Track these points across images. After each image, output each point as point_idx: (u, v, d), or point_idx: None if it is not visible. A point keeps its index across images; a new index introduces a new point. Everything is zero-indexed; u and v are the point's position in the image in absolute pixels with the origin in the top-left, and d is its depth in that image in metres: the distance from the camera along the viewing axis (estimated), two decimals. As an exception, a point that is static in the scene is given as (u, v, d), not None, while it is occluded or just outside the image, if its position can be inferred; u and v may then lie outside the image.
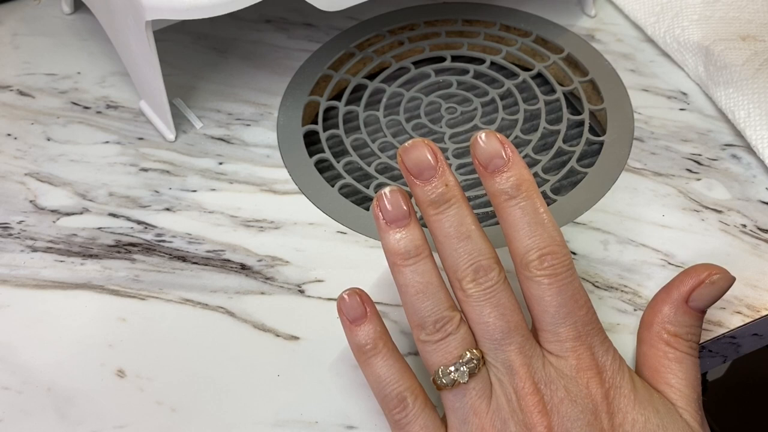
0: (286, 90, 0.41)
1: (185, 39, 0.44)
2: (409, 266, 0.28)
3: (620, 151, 0.38)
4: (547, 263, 0.27)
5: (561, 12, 0.45)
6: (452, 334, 0.27)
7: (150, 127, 0.40)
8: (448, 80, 0.42)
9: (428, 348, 0.27)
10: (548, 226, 0.27)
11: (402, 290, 0.28)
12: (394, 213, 0.28)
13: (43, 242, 0.35)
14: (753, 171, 0.36)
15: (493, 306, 0.27)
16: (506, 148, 0.27)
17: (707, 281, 0.29)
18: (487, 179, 0.27)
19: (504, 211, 0.27)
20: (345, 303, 0.29)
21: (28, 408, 0.30)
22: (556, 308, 0.27)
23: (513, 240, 0.27)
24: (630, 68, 0.41)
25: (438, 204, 0.27)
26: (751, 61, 0.38)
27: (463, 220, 0.27)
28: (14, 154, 0.39)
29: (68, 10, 0.46)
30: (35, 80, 0.42)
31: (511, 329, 0.27)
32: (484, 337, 0.27)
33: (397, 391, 0.28)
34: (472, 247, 0.27)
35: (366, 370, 0.28)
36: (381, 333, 0.28)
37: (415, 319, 0.28)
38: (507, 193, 0.27)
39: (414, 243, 0.28)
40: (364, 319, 0.28)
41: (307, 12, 0.45)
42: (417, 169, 0.27)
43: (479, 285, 0.27)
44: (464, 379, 0.27)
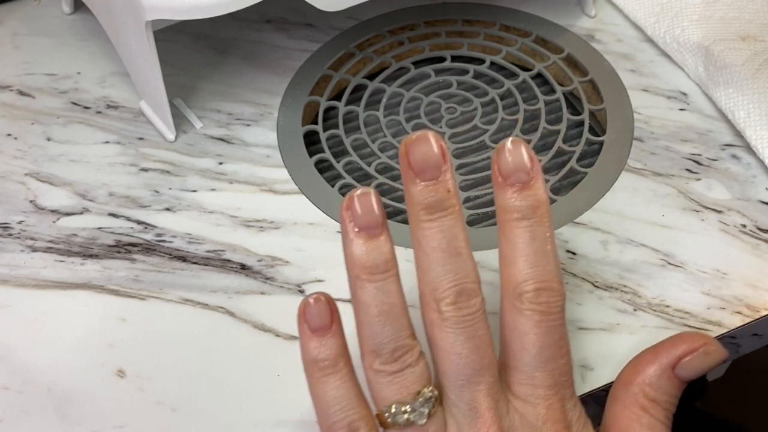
0: (286, 90, 0.41)
1: (185, 39, 0.44)
2: (375, 282, 0.24)
3: (620, 151, 0.38)
4: (542, 298, 0.24)
5: (561, 12, 0.45)
6: (411, 366, 0.24)
7: (150, 127, 0.40)
8: (448, 80, 0.42)
9: (381, 379, 0.24)
10: (552, 259, 0.25)
11: (361, 309, 0.25)
12: (366, 219, 0.24)
13: (43, 242, 0.35)
14: (753, 171, 0.36)
15: (469, 337, 0.24)
16: (534, 164, 0.25)
17: (702, 350, 0.27)
18: (503, 191, 0.25)
19: (511, 231, 0.25)
20: (309, 308, 0.25)
21: (28, 408, 0.30)
22: (538, 349, 0.24)
23: (511, 264, 0.25)
24: (630, 68, 0.41)
25: (434, 210, 0.24)
26: (750, 62, 0.38)
27: (456, 235, 0.24)
28: (14, 154, 0.39)
29: (68, 10, 0.46)
30: (35, 80, 0.42)
31: (484, 367, 0.24)
32: (452, 370, 0.24)
33: (350, 420, 0.24)
34: (459, 266, 0.24)
35: (316, 389, 0.25)
36: (343, 350, 0.25)
37: (371, 344, 0.24)
38: (521, 212, 0.25)
39: (384, 257, 0.24)
40: (328, 331, 0.25)
41: (307, 12, 0.45)
42: (421, 166, 0.24)
43: (459, 310, 0.24)
44: (422, 420, 0.24)
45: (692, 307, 0.32)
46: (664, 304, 0.32)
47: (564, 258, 0.33)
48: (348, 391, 0.25)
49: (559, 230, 0.34)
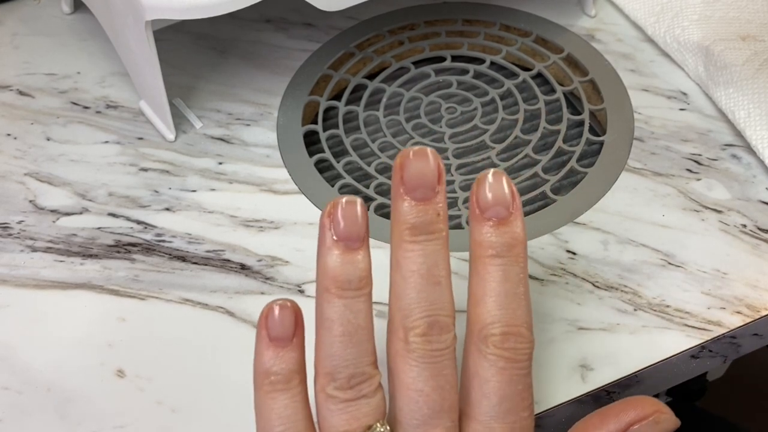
0: (285, 90, 0.41)
1: (185, 39, 0.44)
2: (344, 299, 0.23)
3: (620, 151, 0.38)
4: (509, 344, 0.22)
5: (561, 12, 0.45)
6: (367, 397, 0.23)
7: (150, 127, 0.40)
8: (448, 80, 0.42)
9: (332, 406, 0.23)
10: (524, 303, 0.23)
11: (324, 325, 0.23)
12: (348, 230, 0.23)
13: (43, 242, 0.35)
14: (753, 171, 0.36)
15: (434, 374, 0.22)
16: (515, 200, 0.23)
17: (652, 419, 0.24)
18: (479, 225, 0.23)
19: (483, 267, 0.23)
20: (272, 315, 0.23)
21: (27, 408, 0.30)
22: (499, 399, 0.22)
23: (479, 304, 0.23)
24: (630, 68, 0.41)
25: (419, 232, 0.23)
26: (751, 61, 0.38)
27: (438, 262, 0.23)
28: (14, 154, 0.39)
29: (68, 9, 0.46)
30: (35, 80, 0.42)
31: (444, 409, 0.22)
32: (409, 407, 0.22)
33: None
34: (436, 296, 0.23)
35: (262, 404, 0.23)
36: (300, 367, 0.23)
37: (328, 365, 0.23)
38: (495, 248, 0.23)
39: (359, 274, 0.23)
40: (288, 343, 0.23)
41: (307, 12, 0.45)
42: (414, 183, 0.23)
43: (429, 343, 0.22)
44: None
45: (692, 307, 0.32)
46: (665, 304, 0.32)
47: (564, 258, 0.33)
48: (296, 413, 0.23)
49: (560, 230, 0.34)
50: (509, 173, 0.38)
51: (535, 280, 0.33)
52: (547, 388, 0.29)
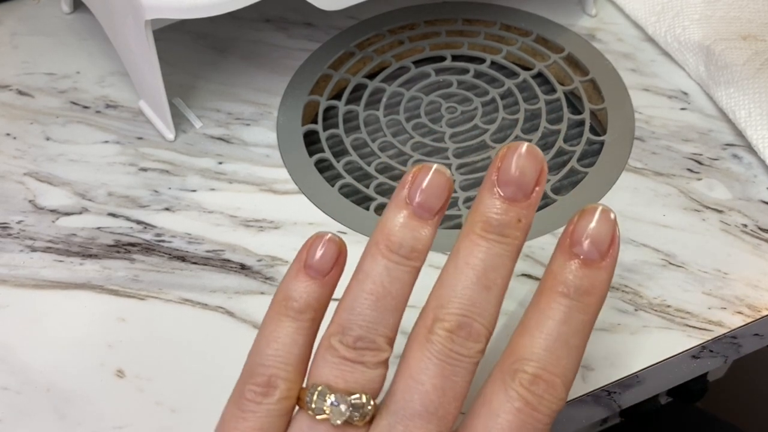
0: (285, 89, 0.41)
1: (185, 38, 0.44)
2: (389, 260, 0.21)
3: (621, 150, 0.37)
4: (536, 389, 0.20)
5: (561, 11, 0.44)
6: (365, 365, 0.21)
7: (149, 127, 0.39)
8: (449, 80, 0.42)
9: (329, 356, 0.21)
10: (573, 357, 0.21)
11: (358, 276, 0.22)
12: (424, 198, 0.21)
13: (43, 242, 0.35)
14: (754, 171, 0.36)
15: (443, 375, 0.21)
16: (612, 248, 0.21)
17: None
18: (563, 256, 0.21)
19: (546, 301, 0.21)
20: (316, 245, 0.22)
21: (27, 408, 0.30)
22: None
23: (525, 334, 0.21)
24: (631, 68, 0.41)
25: (492, 229, 0.21)
26: (752, 61, 0.38)
27: (499, 268, 0.21)
28: (13, 154, 0.38)
29: (67, 9, 0.46)
30: (34, 80, 0.42)
31: (437, 415, 0.21)
32: (403, 396, 0.21)
33: (275, 373, 0.22)
34: (481, 300, 0.21)
35: (268, 323, 0.22)
36: (320, 305, 0.22)
37: (344, 317, 0.22)
38: (569, 287, 0.21)
39: (414, 243, 0.22)
40: (320, 278, 0.22)
41: (307, 11, 0.45)
42: (509, 178, 0.21)
43: (451, 342, 0.21)
44: (336, 421, 0.21)
45: (693, 307, 0.31)
46: (665, 304, 0.32)
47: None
48: (294, 344, 0.22)
49: (560, 230, 0.34)
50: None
51: (536, 280, 0.33)
52: (548, 389, 0.29)
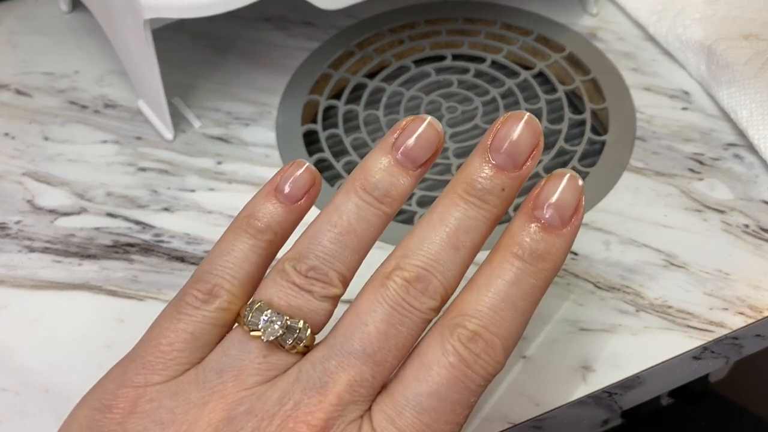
0: (285, 89, 0.41)
1: (184, 38, 0.44)
2: (361, 200, 0.21)
3: (622, 150, 0.37)
4: (474, 347, 0.20)
5: (562, 10, 0.44)
6: (311, 295, 0.21)
7: (148, 127, 0.39)
8: (449, 79, 0.42)
9: (278, 278, 0.21)
10: (517, 320, 0.20)
11: (327, 209, 0.22)
12: (410, 149, 0.21)
13: (41, 242, 0.35)
14: (755, 171, 0.36)
15: (389, 322, 0.20)
16: (576, 216, 0.21)
17: None
18: (523, 218, 0.21)
19: (498, 261, 0.21)
20: (290, 171, 0.23)
21: (26, 409, 0.29)
22: (428, 392, 0.19)
23: (471, 290, 0.20)
24: (632, 67, 0.41)
25: (474, 193, 0.21)
26: (753, 61, 0.38)
27: (471, 232, 0.21)
28: (12, 154, 0.38)
29: (66, 8, 0.45)
30: (33, 79, 0.42)
31: (374, 361, 0.20)
32: (344, 332, 0.20)
33: (219, 281, 0.21)
34: (446, 258, 0.20)
35: (226, 236, 0.22)
36: (283, 231, 0.22)
37: (304, 245, 0.21)
38: (524, 249, 0.20)
39: (389, 189, 0.21)
40: (288, 204, 0.22)
41: (307, 10, 0.45)
42: (501, 145, 0.21)
43: (406, 292, 0.20)
44: (267, 338, 0.20)
45: (695, 308, 0.31)
46: (667, 305, 0.31)
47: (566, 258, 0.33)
48: (246, 262, 0.22)
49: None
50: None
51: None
52: (548, 389, 0.29)
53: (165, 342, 0.21)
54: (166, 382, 0.21)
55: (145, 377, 0.21)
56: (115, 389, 0.21)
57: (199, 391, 0.20)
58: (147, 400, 0.20)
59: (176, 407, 0.20)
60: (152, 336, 0.22)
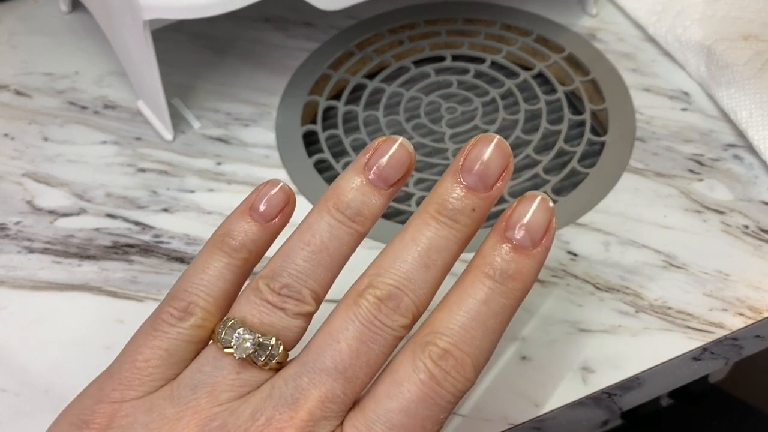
0: (285, 89, 0.41)
1: (183, 38, 0.44)
2: (333, 219, 0.22)
3: (622, 151, 0.37)
4: (444, 364, 0.20)
5: (562, 11, 0.44)
6: (285, 312, 0.21)
7: (148, 127, 0.39)
8: (449, 80, 0.42)
9: (252, 296, 0.21)
10: (488, 339, 0.21)
11: (300, 227, 0.22)
12: (383, 169, 0.22)
13: (41, 243, 0.35)
14: (755, 172, 0.36)
15: (361, 340, 0.20)
16: (546, 238, 0.21)
17: None
18: (495, 238, 0.21)
19: (470, 280, 0.21)
20: (265, 190, 0.23)
21: (25, 410, 0.29)
22: (399, 408, 0.20)
23: (443, 309, 0.21)
24: (631, 68, 0.41)
25: (445, 213, 0.21)
26: (753, 61, 0.38)
27: (442, 251, 0.21)
28: (11, 155, 0.38)
29: (66, 9, 0.45)
30: (32, 80, 0.42)
31: (345, 377, 0.20)
32: (315, 349, 0.21)
33: (195, 299, 0.22)
34: (418, 277, 0.21)
35: (202, 257, 0.23)
36: (257, 249, 0.23)
37: (277, 263, 0.22)
38: (495, 270, 0.21)
39: (362, 208, 0.22)
40: (263, 223, 0.23)
41: (307, 11, 0.45)
42: (472, 167, 0.21)
43: (378, 310, 0.21)
44: (239, 355, 0.21)
45: (694, 309, 0.31)
46: (666, 306, 0.31)
47: (565, 259, 0.33)
48: (221, 280, 0.22)
49: (561, 231, 0.34)
50: (510, 174, 0.37)
51: (537, 281, 0.32)
52: (548, 390, 0.29)
53: (141, 358, 0.22)
54: (142, 398, 0.21)
55: (122, 393, 0.21)
56: (92, 405, 0.22)
57: (174, 407, 0.21)
58: (123, 415, 0.21)
59: (151, 422, 0.21)
60: (129, 352, 0.22)
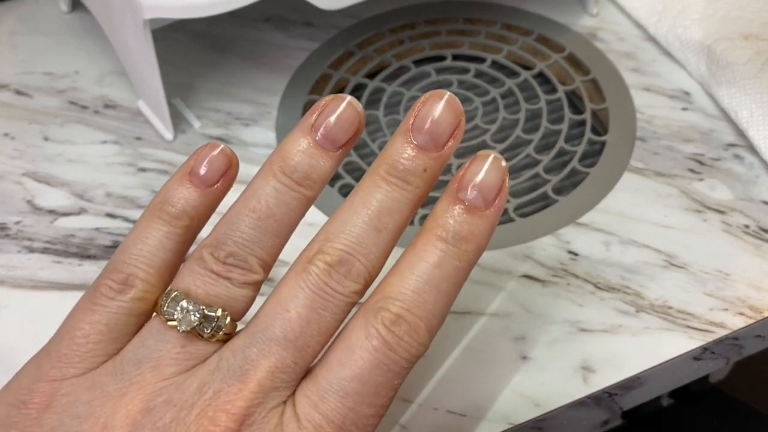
0: (285, 89, 0.41)
1: (183, 38, 0.44)
2: (280, 183, 0.21)
3: (622, 151, 0.37)
4: (397, 329, 0.20)
5: (562, 11, 0.44)
6: (230, 282, 0.20)
7: (148, 127, 0.39)
8: (449, 79, 0.42)
9: (196, 266, 0.21)
10: (441, 302, 0.20)
11: (245, 194, 0.21)
12: (330, 129, 0.21)
13: (41, 243, 0.35)
14: (756, 171, 0.36)
15: (312, 307, 0.20)
16: (499, 198, 0.21)
17: None
18: (447, 200, 0.21)
19: (423, 243, 0.20)
20: (204, 153, 0.22)
21: (25, 410, 0.29)
22: (351, 376, 0.19)
23: (395, 274, 0.20)
24: (632, 67, 0.41)
25: (396, 174, 0.21)
26: (753, 61, 0.38)
27: (394, 214, 0.21)
28: (12, 154, 0.38)
29: (66, 8, 0.45)
30: (33, 79, 0.42)
31: (296, 346, 0.20)
32: (264, 318, 0.20)
33: (134, 270, 0.21)
34: (369, 241, 0.20)
35: (139, 223, 0.22)
36: (198, 216, 0.22)
37: (222, 231, 0.21)
38: (448, 232, 0.20)
39: (310, 171, 0.21)
40: (204, 188, 0.22)
41: (307, 10, 0.45)
42: (422, 125, 0.21)
43: (328, 277, 0.20)
44: (182, 328, 0.20)
45: (695, 309, 0.31)
46: (667, 306, 0.31)
47: (566, 259, 0.33)
48: (161, 250, 0.21)
49: (561, 231, 0.34)
50: (510, 173, 0.37)
51: (537, 281, 0.32)
52: (549, 390, 0.29)
53: (80, 334, 0.21)
54: (83, 375, 0.20)
55: (61, 370, 0.20)
56: (30, 384, 0.20)
57: (117, 383, 0.20)
58: (63, 393, 0.20)
59: (93, 400, 0.20)
60: (67, 328, 0.21)
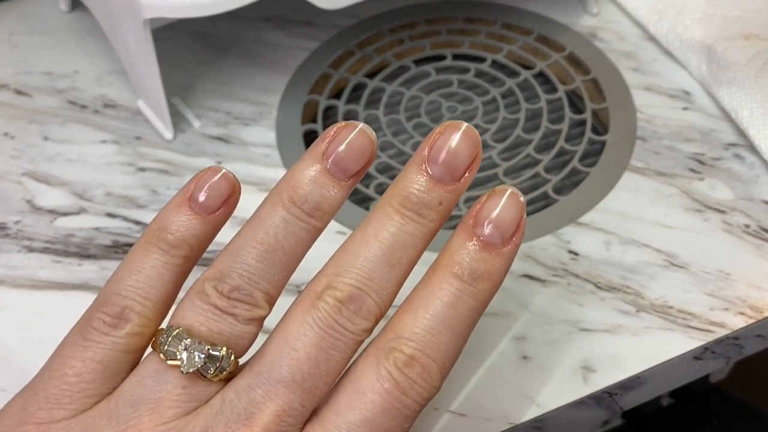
0: (285, 89, 0.41)
1: (183, 37, 0.44)
2: (289, 214, 0.20)
3: (623, 150, 0.37)
4: (410, 372, 0.19)
5: (563, 10, 0.44)
6: (235, 318, 0.19)
7: (148, 127, 0.39)
8: (449, 79, 0.42)
9: (197, 300, 0.19)
10: (454, 344, 0.19)
11: (252, 222, 0.20)
12: (342, 157, 0.20)
13: (40, 242, 0.35)
14: (756, 171, 0.36)
15: (321, 346, 0.19)
16: (517, 234, 0.20)
17: None
18: (462, 235, 0.20)
19: (437, 280, 0.20)
20: (205, 178, 0.21)
21: (24, 410, 0.29)
22: (362, 420, 0.19)
23: (408, 312, 0.20)
24: (632, 67, 0.41)
25: (410, 206, 0.20)
26: (754, 60, 0.38)
27: (407, 248, 0.20)
28: (11, 154, 0.38)
29: (66, 8, 0.45)
30: (32, 79, 0.42)
31: (304, 388, 0.19)
32: (271, 357, 0.19)
33: (130, 303, 0.20)
34: (381, 276, 0.19)
35: (135, 251, 0.20)
36: (198, 245, 0.21)
37: (226, 262, 0.20)
38: (463, 269, 0.19)
39: (320, 201, 0.20)
40: (204, 215, 0.21)
41: (307, 10, 0.45)
42: (439, 157, 0.20)
43: (338, 314, 0.19)
44: (187, 369, 0.19)
45: (695, 308, 0.31)
46: (667, 305, 0.31)
47: (566, 259, 0.33)
48: (158, 281, 0.20)
49: (561, 230, 0.34)
50: (510, 173, 0.37)
51: (537, 280, 0.32)
52: (549, 390, 0.29)
53: (71, 372, 0.19)
54: (74, 417, 0.19)
55: (49, 412, 0.19)
56: (14, 427, 0.19)
57: (112, 427, 0.19)
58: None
59: None
60: (56, 366, 0.20)
